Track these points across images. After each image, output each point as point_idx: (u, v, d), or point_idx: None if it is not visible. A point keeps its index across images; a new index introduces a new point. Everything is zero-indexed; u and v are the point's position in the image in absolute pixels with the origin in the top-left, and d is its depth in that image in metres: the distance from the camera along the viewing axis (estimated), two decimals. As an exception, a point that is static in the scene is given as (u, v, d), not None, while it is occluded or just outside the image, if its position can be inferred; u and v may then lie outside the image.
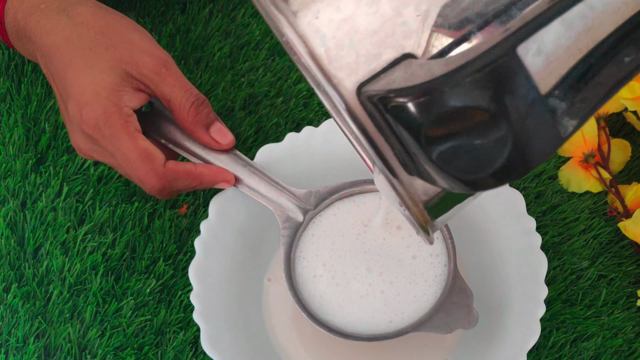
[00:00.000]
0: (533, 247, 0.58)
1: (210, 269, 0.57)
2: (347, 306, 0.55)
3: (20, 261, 0.60)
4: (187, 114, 0.56)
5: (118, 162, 0.55)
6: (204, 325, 0.54)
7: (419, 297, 0.55)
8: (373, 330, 0.54)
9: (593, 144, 0.67)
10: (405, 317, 0.55)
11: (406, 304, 0.55)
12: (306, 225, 0.57)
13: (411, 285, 0.55)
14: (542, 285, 0.56)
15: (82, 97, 0.54)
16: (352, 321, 0.55)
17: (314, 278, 0.56)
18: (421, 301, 0.55)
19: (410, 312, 0.55)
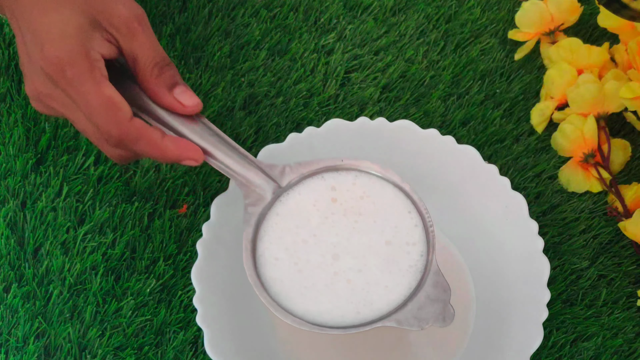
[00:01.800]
0: (535, 250, 0.58)
1: (212, 272, 0.57)
2: (310, 294, 0.51)
3: (20, 261, 0.60)
4: (150, 73, 0.52)
5: (78, 109, 0.51)
6: (207, 329, 0.54)
7: (390, 288, 0.51)
8: (338, 322, 0.51)
9: (593, 144, 0.67)
10: (375, 309, 0.51)
11: (376, 294, 0.51)
12: (272, 204, 0.54)
13: (382, 274, 0.52)
14: (545, 289, 0.56)
15: (47, 35, 0.50)
16: (314, 310, 0.51)
17: (276, 261, 0.52)
18: (393, 292, 0.51)
19: (381, 304, 0.51)
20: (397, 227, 0.53)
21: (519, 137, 0.70)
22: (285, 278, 0.52)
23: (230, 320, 0.56)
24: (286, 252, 0.53)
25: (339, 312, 0.51)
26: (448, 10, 0.75)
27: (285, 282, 0.52)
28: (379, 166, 0.54)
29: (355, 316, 0.51)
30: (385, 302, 0.51)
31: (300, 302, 0.51)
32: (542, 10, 0.72)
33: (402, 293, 0.51)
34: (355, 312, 0.51)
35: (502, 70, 0.73)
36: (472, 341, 0.58)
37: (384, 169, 0.54)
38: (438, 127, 0.68)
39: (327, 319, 0.51)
